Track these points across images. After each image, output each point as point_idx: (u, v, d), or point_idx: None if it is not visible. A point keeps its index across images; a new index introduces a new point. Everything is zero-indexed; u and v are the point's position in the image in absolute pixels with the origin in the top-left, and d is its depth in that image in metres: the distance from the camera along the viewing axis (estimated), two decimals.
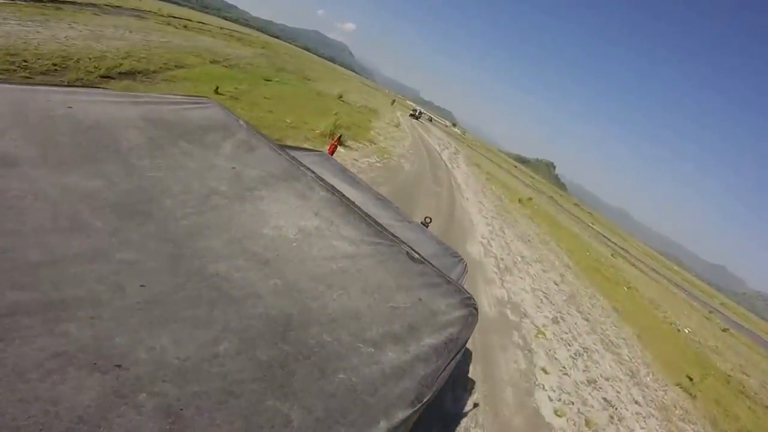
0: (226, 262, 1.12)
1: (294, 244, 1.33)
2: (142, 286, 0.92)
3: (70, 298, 0.81)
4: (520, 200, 20.88)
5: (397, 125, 22.99)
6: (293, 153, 1.93)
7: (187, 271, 1.03)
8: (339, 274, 1.30)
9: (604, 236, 40.99)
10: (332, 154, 4.31)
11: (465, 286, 1.94)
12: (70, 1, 12.64)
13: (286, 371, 0.92)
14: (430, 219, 3.54)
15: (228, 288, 1.04)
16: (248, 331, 0.96)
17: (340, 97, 20.16)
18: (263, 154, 1.70)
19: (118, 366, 0.74)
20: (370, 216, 1.65)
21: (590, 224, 47.81)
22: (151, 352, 0.80)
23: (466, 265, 2.66)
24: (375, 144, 12.58)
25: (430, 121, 74.79)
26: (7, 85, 1.34)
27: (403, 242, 1.61)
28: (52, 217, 0.95)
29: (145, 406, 0.71)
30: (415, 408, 1.00)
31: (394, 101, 52.58)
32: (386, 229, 1.63)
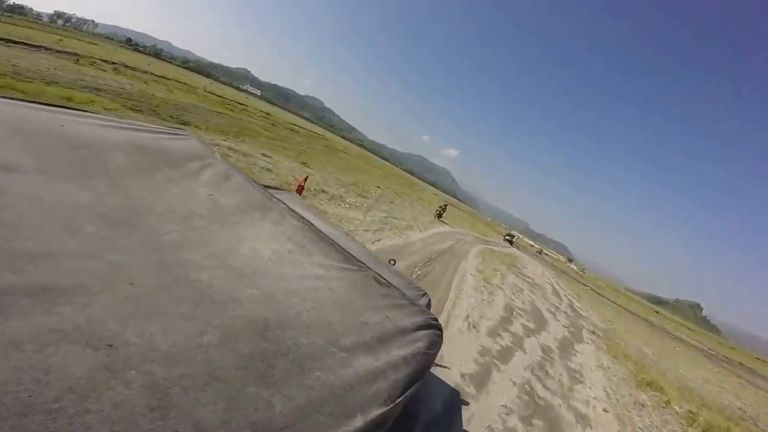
0: (207, 272, 1.18)
1: (269, 263, 1.40)
2: (131, 284, 0.97)
3: (64, 286, 0.86)
4: None
5: None
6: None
7: (172, 276, 1.09)
8: (312, 291, 1.36)
9: None
10: (300, 194, 4.73)
11: None
12: None
13: (266, 364, 0.96)
14: (395, 261, 3.32)
15: (210, 293, 1.10)
16: (230, 328, 1.01)
17: None
18: (238, 184, 1.81)
19: (110, 345, 0.78)
20: (339, 244, 1.74)
21: None
22: (141, 336, 0.84)
23: (429, 299, 2.54)
24: None
25: (540, 254, 63.07)
26: (3, 100, 1.45)
27: (370, 268, 1.69)
28: (48, 218, 1.02)
29: (134, 382, 0.74)
30: (389, 407, 1.05)
31: (443, 208, 25.30)
32: (354, 257, 1.71)
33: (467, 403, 3.89)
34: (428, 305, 2.42)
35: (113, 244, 1.07)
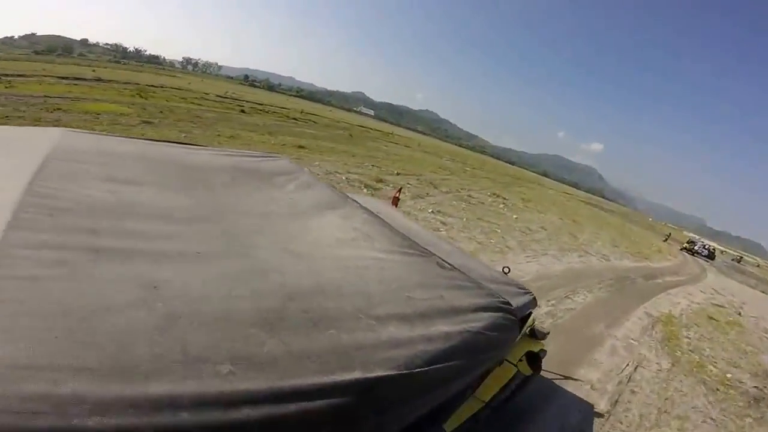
0: (266, 251, 1.33)
1: (328, 247, 1.51)
2: (197, 253, 1.18)
3: (145, 251, 1.10)
4: None
5: None
6: (356, 198, 2.33)
7: (234, 252, 1.26)
8: (362, 269, 1.42)
9: None
10: (396, 206, 4.68)
11: (534, 322, 2.15)
12: None
13: (279, 315, 1.03)
14: (509, 269, 3.17)
15: (260, 264, 1.24)
16: (261, 288, 1.13)
17: None
18: (320, 189, 2.09)
19: (155, 287, 0.97)
20: (404, 234, 1.84)
21: None
22: (184, 285, 1.02)
23: (534, 298, 2.37)
24: None
25: (740, 262, 41.36)
26: (139, 140, 2.08)
27: (435, 254, 1.72)
28: (152, 213, 1.32)
29: (156, 310, 0.91)
30: (401, 372, 0.99)
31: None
32: (419, 244, 1.76)
33: (602, 416, 3.68)
34: (529, 304, 2.27)
35: (195, 230, 1.30)
